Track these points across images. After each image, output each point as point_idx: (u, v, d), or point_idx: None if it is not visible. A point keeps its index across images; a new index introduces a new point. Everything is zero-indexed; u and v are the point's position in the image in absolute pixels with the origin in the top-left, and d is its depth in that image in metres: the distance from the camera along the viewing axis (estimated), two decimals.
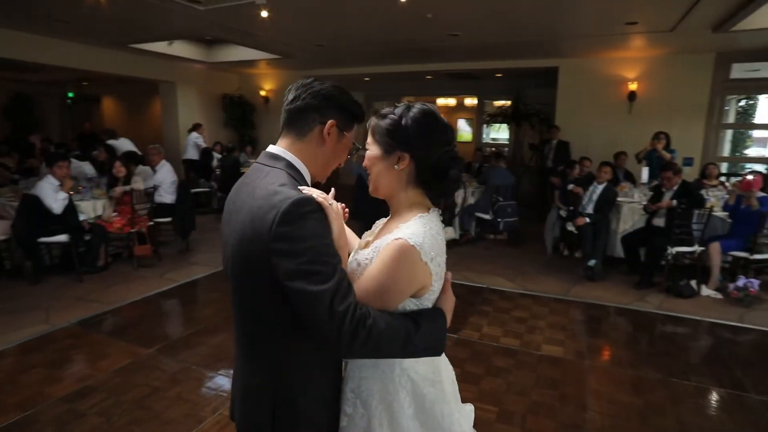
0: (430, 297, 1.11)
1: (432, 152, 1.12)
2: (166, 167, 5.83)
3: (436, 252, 1.07)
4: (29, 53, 6.99)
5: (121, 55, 8.12)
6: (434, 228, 1.10)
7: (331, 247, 1.01)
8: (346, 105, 1.18)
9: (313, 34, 6.72)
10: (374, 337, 0.97)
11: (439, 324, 1.10)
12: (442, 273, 1.12)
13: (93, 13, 5.29)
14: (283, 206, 0.98)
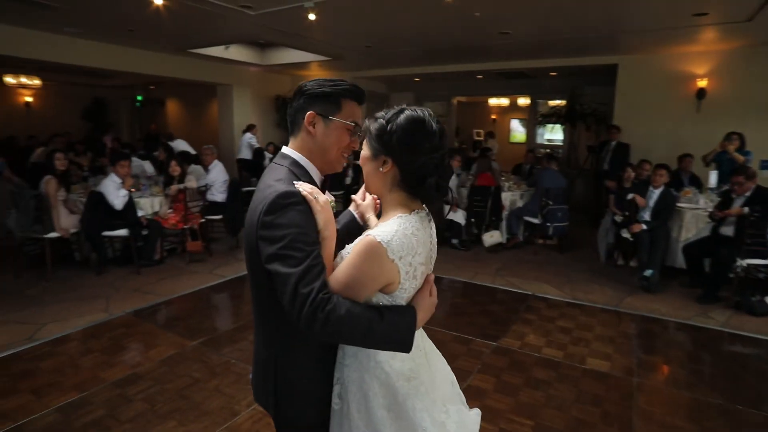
0: (402, 295, 1.16)
1: (414, 159, 1.15)
2: (218, 167, 6.08)
3: (407, 252, 1.11)
4: (104, 61, 7.54)
5: (182, 60, 8.57)
6: (409, 228, 1.13)
7: (307, 236, 1.11)
8: (320, 91, 1.25)
9: (361, 36, 6.76)
10: (333, 322, 1.04)
11: (407, 320, 1.14)
12: (416, 273, 1.16)
13: (155, 21, 5.61)
14: (269, 198, 1.13)
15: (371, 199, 1.48)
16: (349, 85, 1.27)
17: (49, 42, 6.64)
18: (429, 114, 1.19)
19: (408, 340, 1.13)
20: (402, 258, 1.10)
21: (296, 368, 1.24)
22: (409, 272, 1.13)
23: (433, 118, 1.18)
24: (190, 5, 5.05)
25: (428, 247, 1.20)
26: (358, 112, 1.30)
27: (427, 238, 1.19)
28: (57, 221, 4.96)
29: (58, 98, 13.11)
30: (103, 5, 5.21)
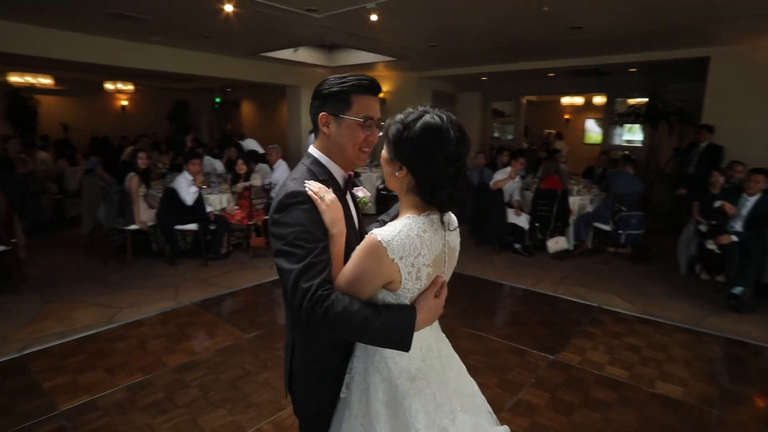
0: (405, 294, 1.16)
1: (428, 170, 1.14)
2: (282, 166, 6.29)
3: (408, 252, 1.11)
4: (186, 66, 8.12)
5: (254, 64, 8.99)
6: (414, 229, 1.13)
7: (310, 234, 1.15)
8: (330, 91, 1.27)
9: (425, 35, 6.69)
10: (330, 318, 1.08)
11: (405, 320, 1.14)
12: (421, 274, 1.15)
13: (228, 28, 5.91)
14: (279, 197, 1.21)
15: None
16: (357, 80, 1.27)
17: (140, 51, 7.24)
18: (449, 120, 1.15)
19: (406, 339, 1.14)
20: (403, 258, 1.11)
21: (309, 355, 1.30)
22: (411, 273, 1.14)
23: (453, 125, 1.14)
24: (259, 11, 5.26)
25: (438, 249, 1.18)
26: (371, 105, 1.29)
27: (438, 241, 1.18)
28: (137, 215, 5.39)
29: (148, 102, 14.33)
30: (183, 15, 5.57)
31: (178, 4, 5.08)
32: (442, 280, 1.22)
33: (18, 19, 5.91)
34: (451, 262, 1.27)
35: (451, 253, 1.27)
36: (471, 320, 4.13)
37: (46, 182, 6.91)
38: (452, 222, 1.27)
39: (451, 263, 1.28)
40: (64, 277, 5.06)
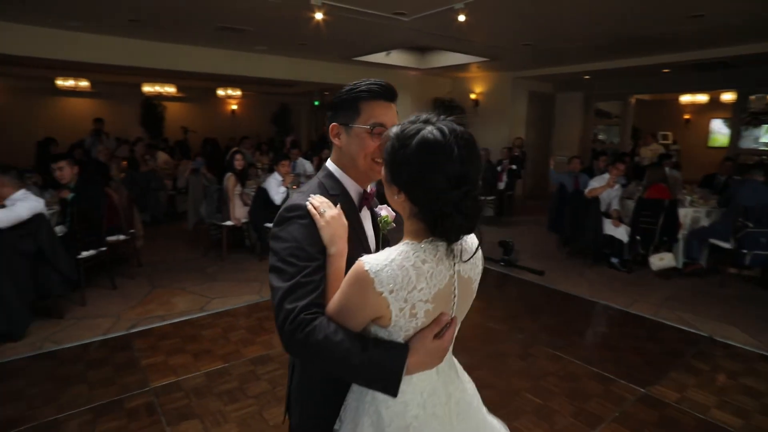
0: (398, 332, 1.02)
1: (428, 196, 0.98)
2: None
3: (400, 285, 0.96)
4: (286, 72, 8.66)
5: (348, 68, 9.27)
6: (411, 259, 0.98)
7: (303, 252, 1.07)
8: (339, 101, 1.23)
9: (518, 34, 6.37)
10: (311, 345, 0.98)
11: (393, 361, 0.99)
12: (417, 311, 0.99)
13: (321, 34, 6.15)
14: (280, 209, 1.16)
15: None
16: (367, 85, 1.20)
17: (246, 60, 7.86)
18: (454, 134, 0.98)
19: (391, 383, 1.00)
20: (393, 292, 0.96)
21: (307, 380, 1.24)
22: (404, 309, 0.98)
23: (459, 140, 0.97)
24: (348, 17, 5.39)
25: (442, 283, 1.01)
26: (381, 111, 1.20)
27: (442, 273, 1.01)
28: (232, 212, 5.83)
29: (254, 106, 15.51)
30: (279, 25, 5.91)
31: (273, 14, 5.39)
32: (446, 319, 1.05)
33: (149, 37, 6.73)
34: (464, 297, 1.09)
35: (463, 286, 1.08)
36: (551, 338, 3.82)
37: (163, 180, 7.78)
38: (468, 249, 1.08)
39: (465, 298, 1.11)
40: (170, 265, 5.63)
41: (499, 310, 4.53)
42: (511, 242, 5.74)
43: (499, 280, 5.42)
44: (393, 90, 1.24)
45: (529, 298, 4.86)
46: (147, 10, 5.39)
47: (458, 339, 1.17)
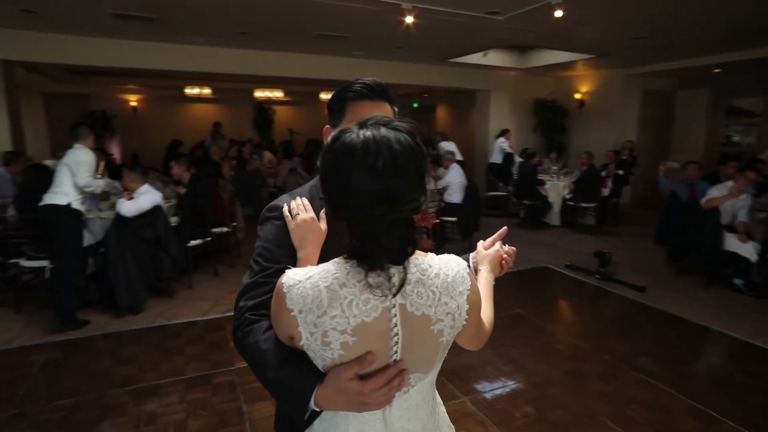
0: (316, 359, 0.89)
1: (340, 208, 0.86)
2: (455, 169, 6.33)
3: (309, 308, 0.83)
4: (385, 75, 8.85)
5: (444, 70, 9.23)
6: (328, 279, 0.84)
7: (270, 252, 1.07)
8: (330, 104, 1.21)
9: (627, 26, 5.81)
10: (243, 346, 0.97)
11: (298, 388, 0.89)
12: (330, 340, 0.84)
13: (414, 37, 6.20)
14: (263, 210, 1.17)
15: (496, 252, 1.32)
16: (353, 86, 1.15)
17: (346, 65, 8.24)
18: (376, 141, 0.81)
19: (297, 409, 0.90)
20: (303, 312, 0.84)
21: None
22: (314, 334, 0.84)
23: (379, 147, 0.80)
24: (440, 19, 5.38)
25: (371, 316, 0.84)
26: (366, 111, 1.10)
27: (369, 302, 0.84)
28: None
29: None
30: (373, 29, 6.09)
31: (368, 20, 5.56)
32: (371, 359, 0.85)
33: (257, 47, 7.36)
34: (417, 340, 0.89)
35: (412, 325, 0.87)
36: (644, 362, 3.44)
37: (266, 178, 8.43)
38: (425, 280, 0.88)
39: (421, 343, 0.89)
40: None
41: (587, 326, 4.19)
42: (608, 253, 5.27)
43: (592, 293, 5.01)
44: (380, 89, 1.16)
45: (625, 316, 4.43)
46: (254, 24, 5.90)
47: (534, 352, 1.06)
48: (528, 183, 7.91)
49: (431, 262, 0.91)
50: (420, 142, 0.86)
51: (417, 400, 0.97)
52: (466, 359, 3.47)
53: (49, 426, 2.69)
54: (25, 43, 6.27)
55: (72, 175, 3.89)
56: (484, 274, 1.27)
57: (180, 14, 5.44)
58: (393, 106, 1.20)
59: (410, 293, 0.87)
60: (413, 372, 0.92)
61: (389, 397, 0.89)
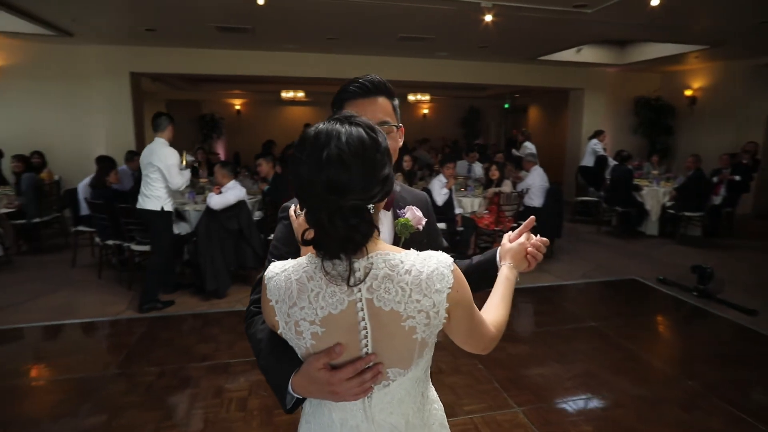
0: (294, 347, 0.96)
1: (298, 193, 0.90)
2: (536, 172, 6.05)
3: (282, 299, 0.90)
4: (471, 76, 8.79)
5: (534, 69, 8.86)
6: (299, 272, 0.90)
7: (277, 249, 1.15)
8: (332, 104, 1.21)
9: (751, 8, 5.09)
10: (247, 336, 1.07)
11: (279, 374, 0.97)
12: (301, 330, 0.90)
13: (498, 35, 6.05)
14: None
15: (519, 245, 1.22)
16: (348, 85, 1.17)
17: (432, 66, 8.29)
18: (327, 132, 0.85)
19: (279, 394, 0.98)
20: (278, 302, 0.90)
21: None
22: (288, 324, 0.90)
23: (329, 138, 0.83)
24: (523, 16, 5.19)
25: (337, 308, 0.88)
26: (361, 108, 1.14)
27: (335, 295, 0.87)
28: None
29: (444, 110, 16.05)
30: (454, 29, 6.05)
31: (445, 20, 5.55)
32: (339, 351, 0.89)
33: (345, 51, 7.69)
34: (387, 334, 0.90)
35: (380, 319, 0.89)
36: (737, 394, 3.02)
37: None
38: (391, 275, 0.88)
39: (392, 337, 0.90)
40: None
41: (673, 347, 3.79)
42: (709, 268, 4.69)
43: (685, 312, 4.49)
44: (373, 86, 1.17)
45: (723, 341, 3.92)
46: (341, 30, 6.18)
47: (604, 369, 0.99)
48: (621, 188, 7.28)
49: (404, 258, 0.90)
50: (377, 137, 0.88)
51: (399, 395, 0.98)
52: (525, 368, 3.33)
53: (139, 388, 3.09)
54: (147, 57, 7.20)
55: (164, 178, 4.18)
56: (505, 270, 1.18)
57: (273, 24, 5.88)
58: (391, 99, 1.21)
59: (377, 288, 0.87)
60: (390, 366, 0.93)
61: (363, 389, 0.92)
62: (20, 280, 5.11)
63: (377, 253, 0.89)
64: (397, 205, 1.24)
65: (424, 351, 0.96)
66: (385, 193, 0.89)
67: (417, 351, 0.94)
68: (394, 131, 1.20)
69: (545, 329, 4.19)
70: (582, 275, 5.47)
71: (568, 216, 8.59)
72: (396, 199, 1.26)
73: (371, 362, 0.91)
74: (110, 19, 5.70)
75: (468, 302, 0.96)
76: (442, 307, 0.91)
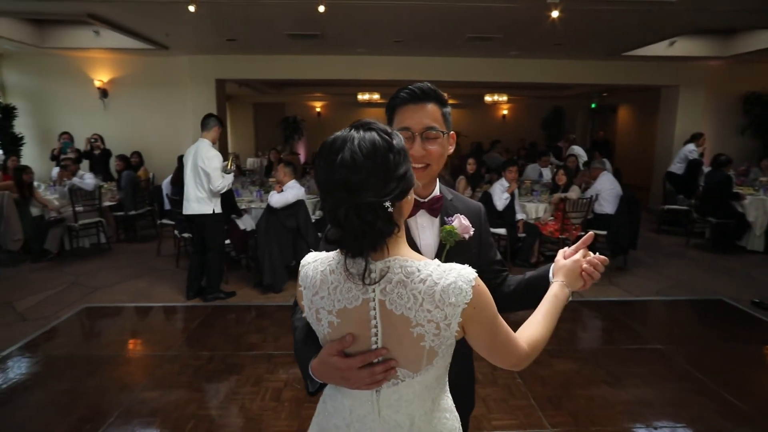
0: (315, 328, 1.03)
1: (323, 206, 1.00)
2: (605, 177, 5.61)
3: (308, 286, 0.99)
4: (546, 75, 8.38)
5: (619, 65, 8.21)
6: (324, 264, 0.98)
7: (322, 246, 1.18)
8: (386, 109, 1.28)
9: None
10: (291, 322, 1.18)
11: (303, 356, 1.07)
12: (321, 317, 0.98)
13: (575, 30, 5.70)
14: None
15: (573, 262, 1.17)
16: (399, 92, 1.20)
17: (500, 65, 8.03)
18: (342, 139, 0.90)
19: (304, 375, 1.06)
20: (306, 289, 1.00)
21: None
22: (311, 309, 0.99)
23: (340, 144, 0.89)
24: (594, 10, 4.84)
25: (352, 303, 0.94)
26: (408, 115, 1.19)
27: (351, 291, 0.93)
28: None
29: (524, 110, 15.42)
30: (524, 27, 5.80)
31: (511, 18, 5.34)
32: (349, 340, 0.95)
33: (412, 53, 7.71)
34: (396, 335, 0.93)
35: (391, 320, 0.93)
36: None
37: None
38: (405, 281, 0.91)
39: (400, 338, 0.93)
40: None
41: (753, 383, 3.30)
42: None
43: None
44: (422, 92, 1.19)
45: None
46: (408, 32, 6.20)
47: (663, 398, 0.95)
48: (717, 196, 6.49)
49: (422, 267, 0.93)
50: (390, 139, 0.92)
51: (408, 396, 1.00)
52: (569, 387, 3.12)
53: (189, 369, 3.37)
54: (230, 65, 7.81)
55: (209, 181, 4.25)
56: (555, 287, 1.14)
57: (339, 29, 6.08)
58: (441, 106, 1.22)
59: (390, 292, 0.91)
60: (400, 367, 0.96)
61: (373, 380, 0.96)
62: (115, 265, 5.81)
63: (396, 257, 0.93)
64: (446, 212, 1.25)
65: (434, 360, 0.97)
66: (402, 191, 0.92)
67: (425, 358, 0.96)
68: (441, 137, 1.21)
69: (600, 347, 3.88)
70: (656, 292, 4.97)
71: (652, 226, 7.84)
72: (445, 207, 1.27)
73: (382, 356, 0.96)
74: (195, 32, 6.26)
75: (488, 320, 0.96)
76: (455, 320, 0.92)
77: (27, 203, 5.85)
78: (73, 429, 2.70)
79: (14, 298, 4.69)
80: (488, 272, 1.32)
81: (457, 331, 0.93)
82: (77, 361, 3.52)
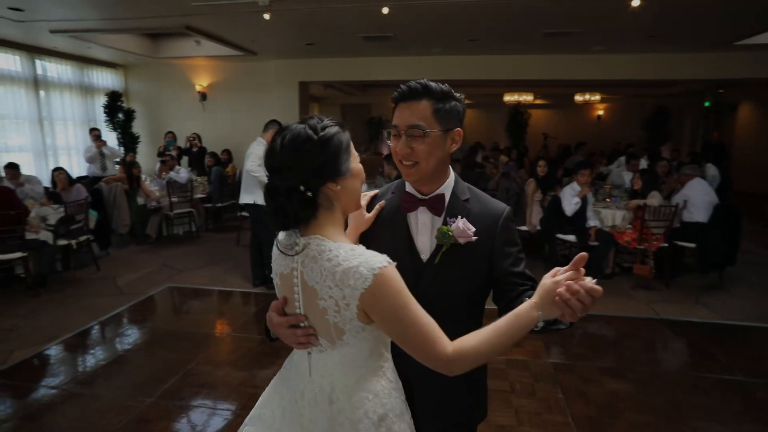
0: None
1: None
2: (696, 182, 4.99)
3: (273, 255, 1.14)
4: (652, 71, 7.66)
5: (731, 56, 7.24)
6: (280, 237, 1.14)
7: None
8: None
9: None
10: None
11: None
12: (275, 279, 1.13)
13: (667, 18, 5.15)
14: None
15: (552, 283, 0.96)
16: (396, 90, 1.22)
17: (583, 62, 7.51)
18: (292, 128, 1.04)
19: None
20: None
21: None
22: (275, 273, 1.15)
23: (290, 132, 1.03)
24: None
25: (283, 268, 1.09)
26: (398, 113, 1.21)
27: (286, 259, 1.08)
28: (529, 217, 5.83)
29: (623, 110, 14.18)
30: (605, 18, 5.36)
31: (590, 10, 4.97)
32: (280, 302, 1.11)
33: (485, 52, 7.50)
34: (311, 304, 1.04)
35: (307, 291, 1.05)
36: None
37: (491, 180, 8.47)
38: (317, 256, 1.02)
39: (314, 309, 1.04)
40: None
41: None
42: None
43: None
44: (411, 89, 1.18)
45: None
46: (482, 30, 6.06)
47: None
48: None
49: (336, 248, 1.00)
50: (314, 133, 1.01)
51: (330, 366, 1.08)
52: (617, 410, 2.86)
53: (241, 350, 3.65)
54: (311, 67, 8.23)
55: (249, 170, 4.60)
56: (522, 306, 0.98)
57: (409, 30, 6.12)
58: (436, 102, 1.18)
59: (306, 265, 1.03)
60: (321, 336, 1.06)
61: (296, 341, 1.08)
62: (200, 252, 6.43)
63: (317, 236, 1.03)
64: (452, 212, 1.22)
65: (343, 336, 1.03)
66: (321, 180, 1.02)
67: (334, 332, 1.02)
68: (428, 135, 1.16)
69: (665, 370, 3.49)
70: (756, 317, 4.32)
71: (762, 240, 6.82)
72: (452, 206, 1.23)
73: (303, 323, 1.07)
74: (277, 37, 6.71)
75: (391, 310, 0.97)
76: (353, 302, 0.97)
77: (134, 194, 6.71)
78: (134, 382, 3.07)
79: (117, 274, 5.42)
80: (503, 283, 1.21)
81: (358, 314, 0.99)
82: (154, 332, 4.01)
